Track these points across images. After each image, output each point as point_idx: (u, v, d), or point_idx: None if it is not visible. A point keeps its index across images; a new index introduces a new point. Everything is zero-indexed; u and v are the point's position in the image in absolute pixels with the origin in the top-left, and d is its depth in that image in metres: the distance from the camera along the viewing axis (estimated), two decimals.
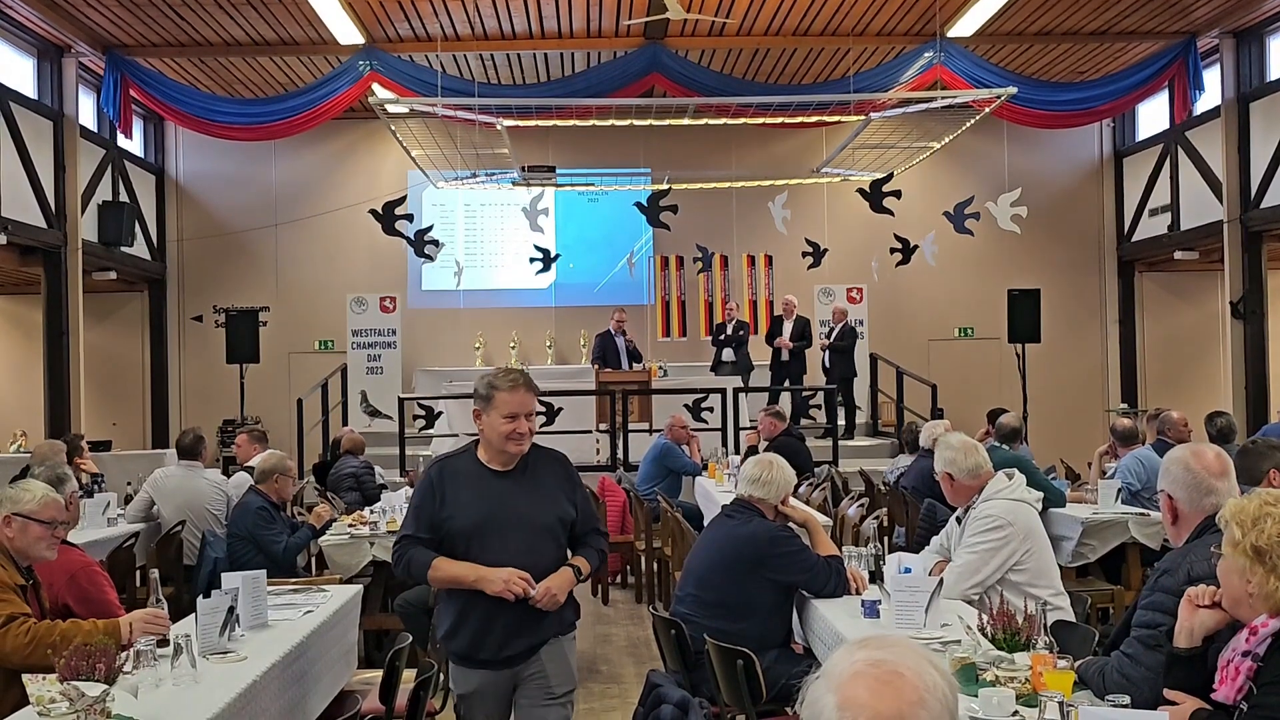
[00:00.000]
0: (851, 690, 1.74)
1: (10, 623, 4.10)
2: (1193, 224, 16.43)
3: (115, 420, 17.63)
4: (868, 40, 15.31)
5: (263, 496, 7.62)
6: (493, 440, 4.22)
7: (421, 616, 6.77)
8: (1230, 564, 3.02)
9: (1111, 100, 15.81)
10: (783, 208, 15.13)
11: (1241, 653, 2.96)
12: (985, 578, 4.87)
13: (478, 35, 14.88)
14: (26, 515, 4.39)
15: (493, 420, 4.19)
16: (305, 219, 18.24)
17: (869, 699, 1.72)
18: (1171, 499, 3.68)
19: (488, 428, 4.22)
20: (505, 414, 4.18)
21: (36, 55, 14.72)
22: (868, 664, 1.77)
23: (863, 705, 1.72)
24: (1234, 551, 3.01)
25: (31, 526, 4.39)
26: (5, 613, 4.12)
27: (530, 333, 18.25)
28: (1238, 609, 3.02)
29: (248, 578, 4.63)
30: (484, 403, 4.21)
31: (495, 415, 4.19)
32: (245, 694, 3.78)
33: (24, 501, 4.40)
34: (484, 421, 4.23)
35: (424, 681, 4.33)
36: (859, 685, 1.75)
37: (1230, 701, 2.96)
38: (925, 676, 1.75)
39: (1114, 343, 18.85)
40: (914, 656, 1.78)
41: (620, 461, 14.06)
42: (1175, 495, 3.66)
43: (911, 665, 1.76)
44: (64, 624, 4.23)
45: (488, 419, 4.21)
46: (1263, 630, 2.94)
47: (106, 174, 16.40)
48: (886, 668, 1.75)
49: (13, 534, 4.36)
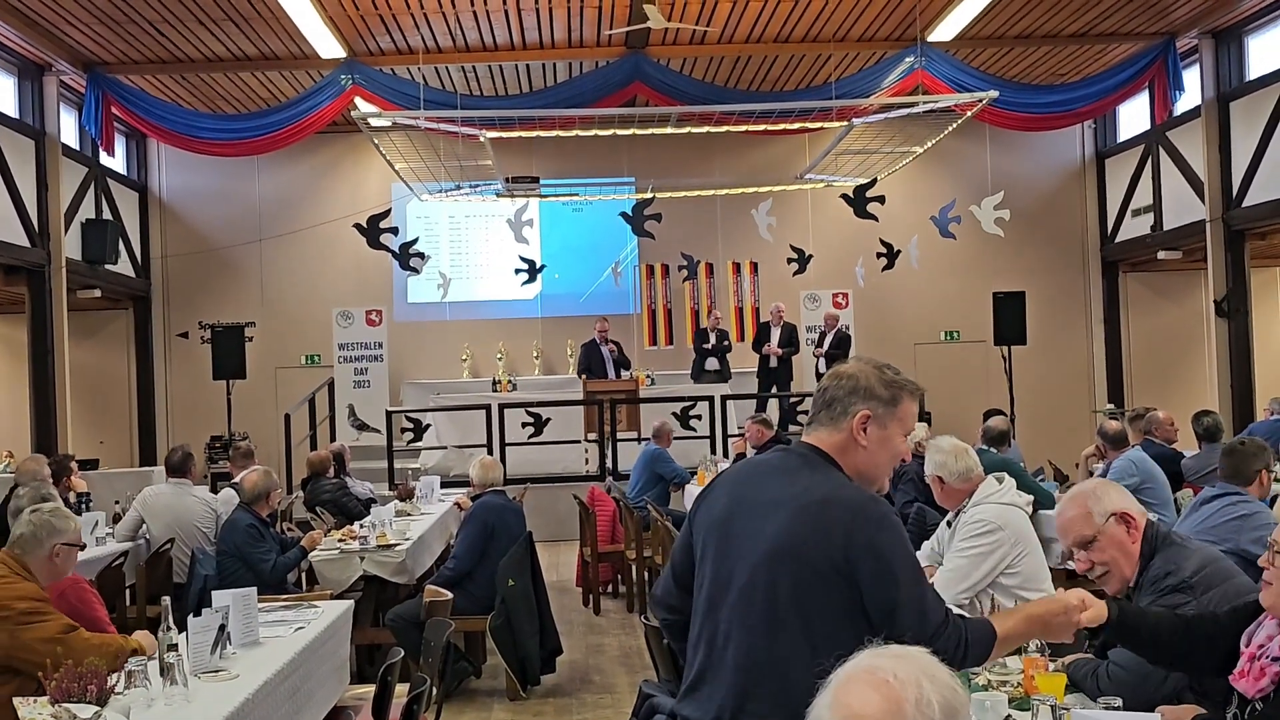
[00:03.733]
0: (843, 692, 1.83)
1: (73, 631, 4.36)
2: (1175, 224, 16.50)
3: (102, 438, 17.59)
4: (849, 46, 15.35)
5: (252, 514, 7.60)
6: (881, 464, 3.02)
7: (413, 630, 6.74)
8: None
9: (1092, 102, 15.88)
10: (767, 215, 15.17)
11: (1272, 657, 2.95)
12: (977, 582, 4.87)
13: (459, 47, 14.88)
14: (70, 543, 4.67)
15: (892, 435, 3.01)
16: (290, 234, 18.22)
17: (851, 702, 1.80)
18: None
19: (882, 442, 2.99)
20: (907, 430, 3.08)
21: (17, 74, 14.68)
22: (865, 669, 1.84)
23: (843, 706, 1.80)
24: None
25: (73, 552, 4.72)
26: (64, 623, 4.39)
27: (517, 343, 18.23)
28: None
29: (238, 595, 4.61)
30: (884, 407, 3.00)
31: (897, 428, 3.02)
32: (237, 712, 3.77)
33: (70, 532, 4.67)
34: (874, 434, 2.98)
35: (417, 696, 4.31)
36: (850, 687, 1.82)
37: (1249, 695, 2.96)
38: (912, 688, 1.79)
39: (1099, 343, 18.91)
40: (912, 668, 1.82)
41: (609, 471, 14.06)
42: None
43: (904, 675, 1.80)
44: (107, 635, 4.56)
45: (883, 431, 3.00)
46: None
47: (89, 192, 16.36)
48: (879, 674, 1.81)
49: (59, 562, 4.62)
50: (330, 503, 10.28)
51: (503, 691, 7.45)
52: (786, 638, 2.79)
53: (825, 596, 2.78)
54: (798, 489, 2.90)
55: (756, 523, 2.92)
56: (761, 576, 2.85)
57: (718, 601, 2.95)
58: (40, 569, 4.49)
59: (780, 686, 2.79)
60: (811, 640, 2.76)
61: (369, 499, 10.84)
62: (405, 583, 7.71)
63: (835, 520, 2.80)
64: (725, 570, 2.95)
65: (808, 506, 2.85)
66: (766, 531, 2.88)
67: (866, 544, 2.77)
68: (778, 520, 2.88)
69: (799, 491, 2.89)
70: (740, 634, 2.87)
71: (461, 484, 11.70)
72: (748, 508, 2.97)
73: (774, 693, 2.80)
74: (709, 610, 2.97)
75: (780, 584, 2.82)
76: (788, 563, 2.81)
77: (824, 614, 2.78)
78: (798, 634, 2.78)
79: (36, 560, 4.49)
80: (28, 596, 4.34)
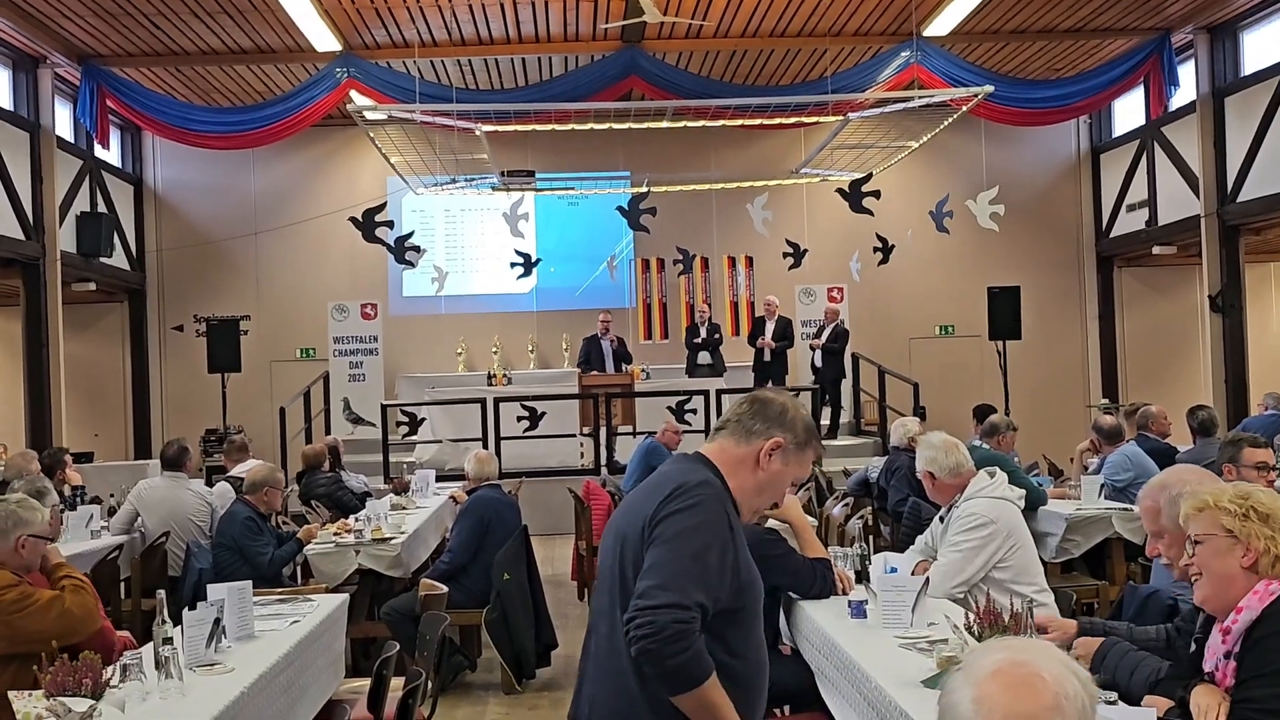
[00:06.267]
0: (989, 687, 1.79)
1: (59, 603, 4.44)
2: (1170, 219, 16.52)
3: (97, 431, 17.57)
4: (844, 40, 15.36)
5: (250, 507, 7.60)
6: (764, 490, 3.12)
7: (408, 624, 6.74)
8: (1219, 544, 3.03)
9: (1088, 97, 15.88)
10: (762, 209, 15.15)
11: (1223, 655, 2.99)
12: (970, 576, 4.89)
13: (455, 41, 14.87)
14: (37, 535, 4.61)
15: (788, 472, 3.13)
16: (285, 227, 18.20)
17: (1005, 697, 1.77)
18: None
19: (775, 476, 3.10)
20: (796, 478, 3.23)
21: (12, 66, 14.65)
22: (1009, 663, 1.81)
23: (998, 702, 1.76)
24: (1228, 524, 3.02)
25: (40, 544, 4.65)
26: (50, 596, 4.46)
27: (512, 337, 18.23)
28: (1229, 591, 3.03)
29: (233, 589, 4.62)
30: (795, 446, 3.11)
31: (793, 470, 3.15)
32: (233, 706, 3.78)
33: (36, 524, 4.61)
34: (775, 465, 3.09)
35: (413, 689, 4.32)
36: (997, 683, 1.79)
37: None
38: (1065, 683, 1.78)
39: (1094, 338, 18.93)
40: (1056, 663, 1.81)
41: (605, 465, 14.06)
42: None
43: (1053, 671, 1.79)
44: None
45: (782, 466, 3.10)
46: (1234, 628, 2.98)
47: (84, 185, 16.34)
48: (1028, 669, 1.79)
49: (25, 553, 4.56)
50: (325, 496, 10.27)
51: (498, 685, 7.47)
52: (616, 618, 2.87)
53: (635, 573, 2.86)
54: (654, 479, 3.05)
55: (618, 520, 3.05)
56: (608, 560, 3.00)
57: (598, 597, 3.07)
58: (6, 560, 4.48)
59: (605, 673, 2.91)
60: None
61: (364, 493, 10.83)
62: (400, 576, 7.71)
63: (657, 493, 2.92)
64: (601, 568, 3.07)
65: (648, 489, 2.99)
66: (615, 521, 3.06)
67: (666, 515, 2.85)
68: (622, 508, 3.09)
69: (653, 480, 3.04)
70: (595, 618, 3.03)
71: (457, 478, 11.71)
72: (619, 513, 3.10)
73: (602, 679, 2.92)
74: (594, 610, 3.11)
75: (615, 566, 2.95)
76: (619, 545, 2.96)
77: (629, 590, 2.85)
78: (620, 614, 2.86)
79: (2, 552, 4.48)
80: (8, 585, 4.36)
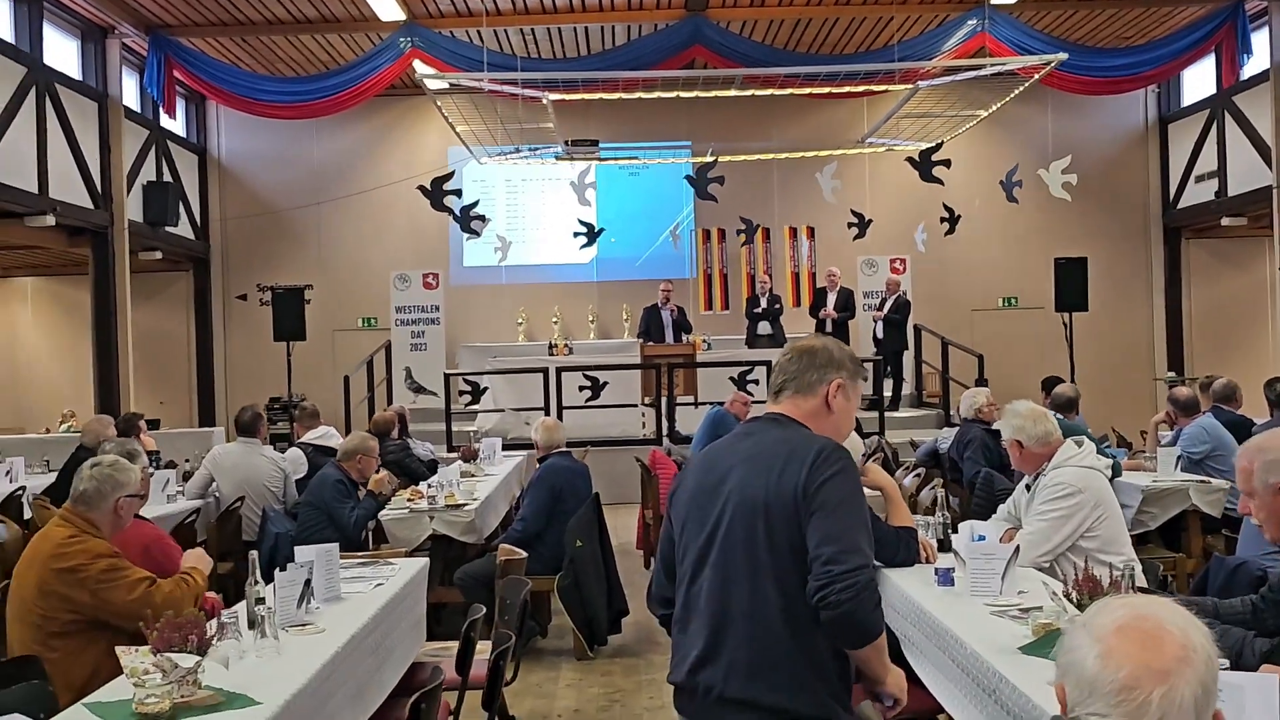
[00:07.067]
0: (1116, 641, 1.79)
1: (152, 584, 4.39)
2: (1240, 190, 16.25)
3: (162, 399, 17.78)
4: (911, 8, 15.18)
5: (342, 471, 7.67)
6: (841, 428, 3.23)
7: (481, 589, 6.79)
8: None
9: (1159, 65, 15.63)
10: (831, 178, 15.05)
11: None
12: (1056, 545, 4.83)
13: (519, 9, 14.84)
14: (133, 495, 4.66)
15: (853, 403, 3.27)
16: (347, 196, 18.29)
17: (1135, 650, 1.77)
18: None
19: (845, 412, 3.23)
20: (858, 401, 3.33)
21: (81, 37, 14.79)
22: (1134, 617, 1.82)
23: (1127, 655, 1.77)
24: None
25: (135, 504, 4.72)
26: (141, 575, 4.41)
27: (572, 307, 18.25)
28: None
29: (321, 551, 4.65)
30: (850, 378, 3.24)
31: (855, 399, 3.28)
32: (328, 665, 3.81)
33: (131, 484, 4.63)
34: (841, 402, 3.21)
35: (502, 652, 4.34)
36: (1125, 638, 1.79)
37: None
38: (1191, 635, 1.79)
39: (1160, 310, 18.68)
40: (1180, 616, 1.82)
41: (668, 434, 14.05)
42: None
43: (1178, 624, 1.80)
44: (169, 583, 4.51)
45: (846, 401, 3.23)
46: None
47: (150, 154, 16.50)
48: (1153, 622, 1.80)
49: (123, 514, 4.61)
50: (394, 464, 10.30)
51: (570, 651, 7.49)
52: (761, 581, 2.94)
53: (787, 537, 2.93)
54: (766, 444, 3.09)
55: (730, 482, 3.06)
56: (739, 528, 3.00)
57: (702, 563, 3.06)
58: (104, 523, 4.50)
59: (753, 632, 2.94)
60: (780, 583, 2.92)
61: (431, 460, 10.89)
62: (474, 542, 7.74)
63: (799, 462, 2.96)
64: (706, 534, 3.07)
65: (775, 456, 3.01)
66: (738, 486, 3.04)
67: (821, 482, 2.92)
68: (744, 473, 3.05)
69: (767, 445, 3.07)
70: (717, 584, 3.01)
71: (519, 446, 11.74)
72: (717, 475, 3.11)
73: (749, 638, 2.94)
74: (694, 575, 3.09)
75: (757, 531, 2.96)
76: (761, 510, 2.97)
77: (782, 553, 2.93)
78: (769, 577, 2.93)
79: (100, 514, 4.49)
80: (102, 554, 4.37)
